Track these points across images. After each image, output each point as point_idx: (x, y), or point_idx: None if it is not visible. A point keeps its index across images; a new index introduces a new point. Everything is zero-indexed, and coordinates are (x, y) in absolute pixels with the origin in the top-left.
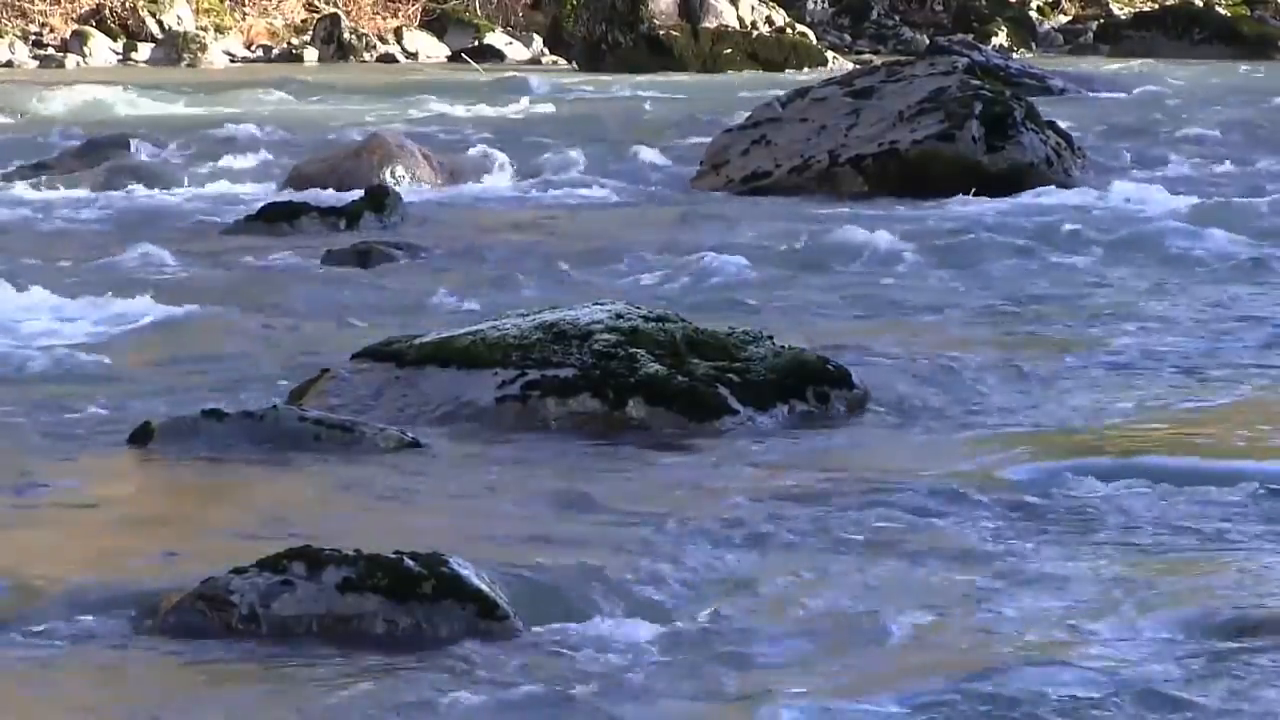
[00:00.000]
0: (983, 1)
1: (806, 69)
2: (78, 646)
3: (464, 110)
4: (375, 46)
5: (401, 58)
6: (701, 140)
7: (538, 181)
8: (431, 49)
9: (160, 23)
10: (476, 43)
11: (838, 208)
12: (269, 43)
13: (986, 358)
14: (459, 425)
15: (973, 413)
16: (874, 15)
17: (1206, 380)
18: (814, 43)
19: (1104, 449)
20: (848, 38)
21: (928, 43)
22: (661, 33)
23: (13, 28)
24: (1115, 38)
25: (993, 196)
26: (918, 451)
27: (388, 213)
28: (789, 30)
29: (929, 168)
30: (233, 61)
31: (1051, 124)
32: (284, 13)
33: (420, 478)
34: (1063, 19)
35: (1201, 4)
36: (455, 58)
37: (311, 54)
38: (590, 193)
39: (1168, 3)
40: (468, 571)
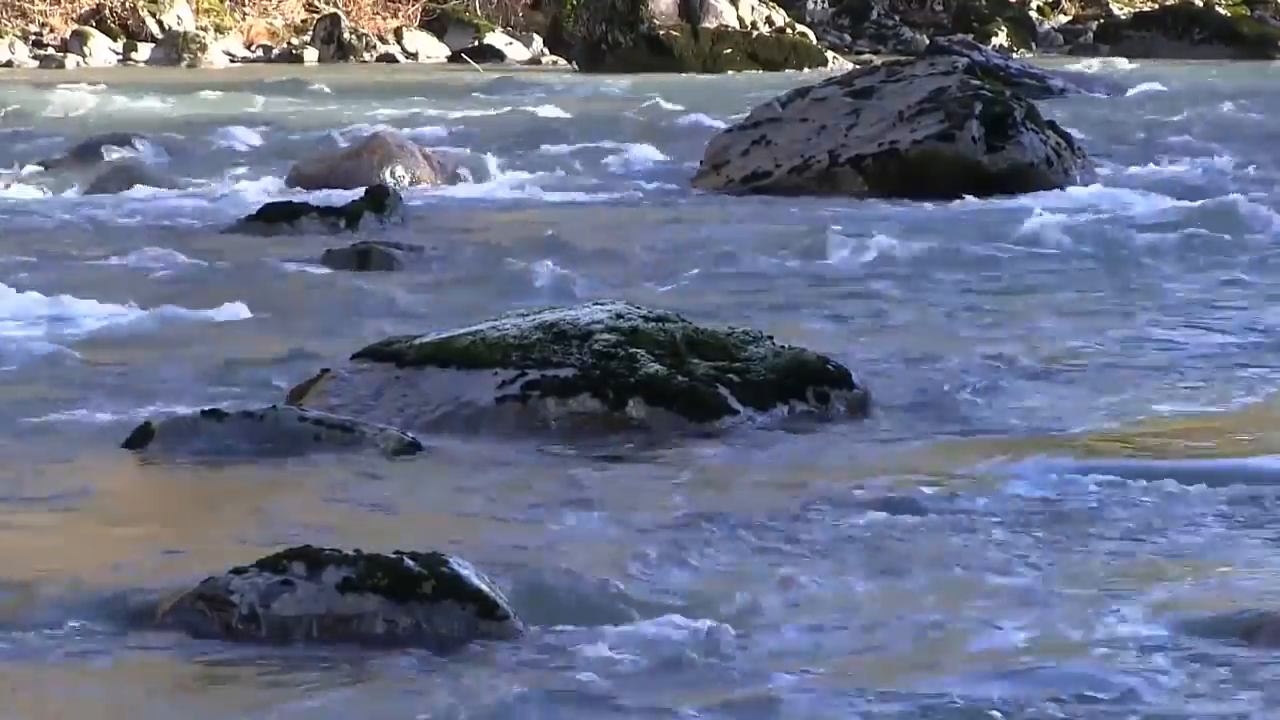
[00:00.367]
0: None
1: (806, 69)
2: (78, 646)
3: (464, 110)
4: (375, 46)
5: (401, 58)
6: (701, 140)
7: (538, 181)
8: (431, 49)
9: (160, 23)
10: (476, 43)
11: (838, 208)
12: (269, 43)
13: (986, 358)
14: (459, 425)
15: (973, 413)
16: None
17: (1206, 380)
18: (814, 43)
19: (1104, 449)
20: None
21: (928, 43)
22: (661, 33)
23: (13, 28)
24: (1115, 38)
25: (993, 196)
26: (918, 451)
27: (388, 213)
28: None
29: (929, 168)
30: (233, 61)
31: (1051, 124)
32: (284, 13)
33: (420, 478)
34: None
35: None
36: (455, 58)
37: (311, 54)
38: (590, 193)
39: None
40: (468, 571)
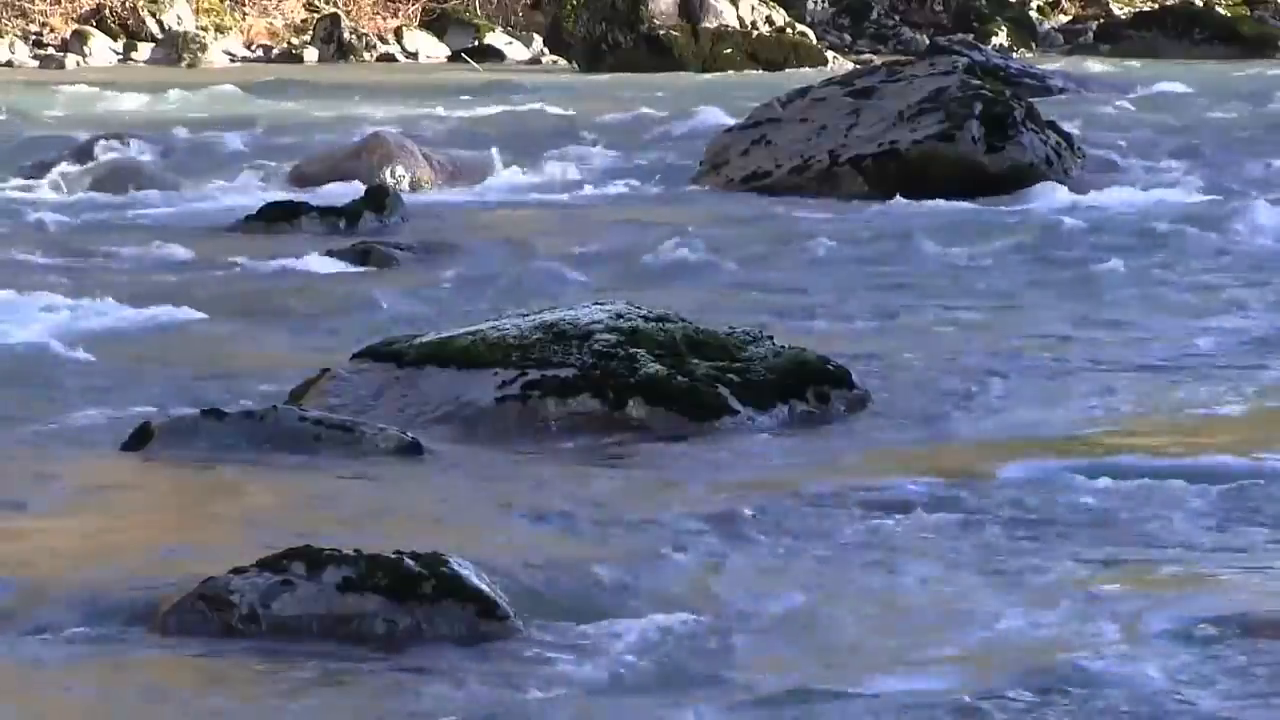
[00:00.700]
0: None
1: (806, 69)
2: (78, 646)
3: (464, 110)
4: (375, 46)
5: (401, 57)
6: (701, 140)
7: (537, 181)
8: (431, 49)
9: (160, 23)
10: (476, 43)
11: (838, 208)
12: (269, 42)
13: (986, 358)
14: (459, 425)
15: (973, 413)
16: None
17: (1206, 380)
18: (814, 43)
19: (1104, 449)
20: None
21: (928, 43)
22: (661, 33)
23: (13, 28)
24: (1115, 38)
25: (993, 196)
26: (918, 451)
27: (388, 213)
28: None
29: (929, 168)
30: (233, 61)
31: (1051, 124)
32: (284, 13)
33: (420, 478)
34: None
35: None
36: (455, 58)
37: (311, 54)
38: (590, 192)
39: (1168, 3)
40: (468, 571)
